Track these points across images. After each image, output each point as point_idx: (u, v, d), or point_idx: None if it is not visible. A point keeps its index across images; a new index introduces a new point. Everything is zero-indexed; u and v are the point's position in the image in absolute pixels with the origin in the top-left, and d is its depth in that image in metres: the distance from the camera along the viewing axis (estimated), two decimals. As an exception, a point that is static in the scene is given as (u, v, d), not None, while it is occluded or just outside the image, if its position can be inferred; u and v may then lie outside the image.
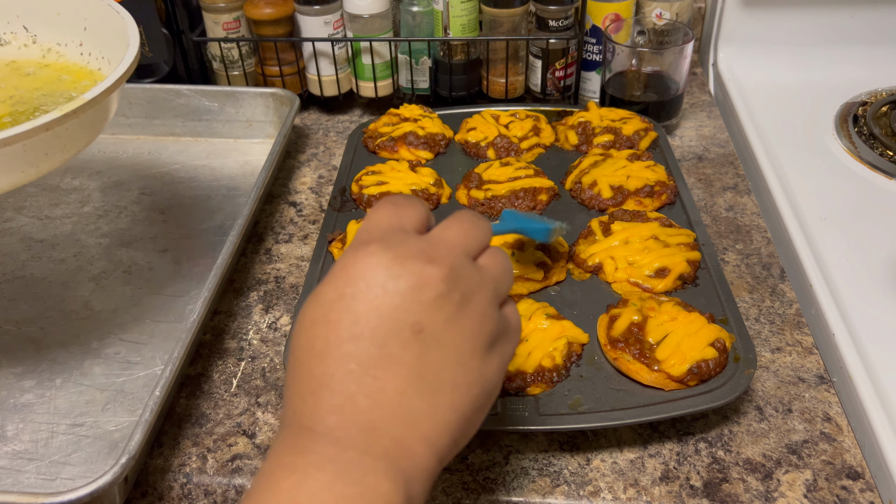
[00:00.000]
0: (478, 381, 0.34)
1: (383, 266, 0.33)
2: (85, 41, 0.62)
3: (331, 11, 0.85)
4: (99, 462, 0.53)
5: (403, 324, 0.32)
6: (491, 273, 0.36)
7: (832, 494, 0.50)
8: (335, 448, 0.31)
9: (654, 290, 0.61)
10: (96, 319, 0.65)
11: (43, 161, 0.50)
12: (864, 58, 0.94)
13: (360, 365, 0.32)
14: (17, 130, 0.45)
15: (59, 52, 0.63)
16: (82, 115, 0.48)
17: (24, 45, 0.64)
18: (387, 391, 0.32)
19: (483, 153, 0.78)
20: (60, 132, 0.48)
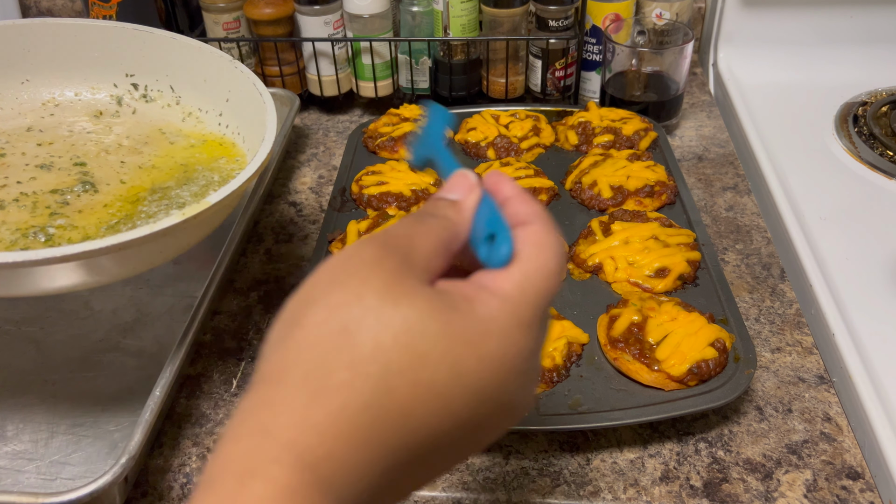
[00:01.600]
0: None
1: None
2: (225, 112, 0.63)
3: (331, 11, 0.85)
4: (99, 462, 0.53)
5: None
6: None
7: (832, 494, 0.50)
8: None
9: (654, 290, 0.61)
10: (96, 319, 0.65)
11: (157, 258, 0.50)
12: (864, 58, 0.94)
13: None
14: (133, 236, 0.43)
15: (199, 117, 0.65)
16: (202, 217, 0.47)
17: (167, 105, 0.66)
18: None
19: (483, 153, 0.78)
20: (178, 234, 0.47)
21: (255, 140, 0.56)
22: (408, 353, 0.25)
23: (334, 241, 0.66)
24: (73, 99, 0.66)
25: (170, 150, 0.62)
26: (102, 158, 0.60)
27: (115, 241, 0.43)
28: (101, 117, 0.64)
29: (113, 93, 0.66)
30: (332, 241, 0.66)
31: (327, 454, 0.24)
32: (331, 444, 0.25)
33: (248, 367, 0.60)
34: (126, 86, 0.66)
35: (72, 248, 0.42)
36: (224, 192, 0.48)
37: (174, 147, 0.62)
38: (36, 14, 1.06)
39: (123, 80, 0.66)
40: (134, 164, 0.60)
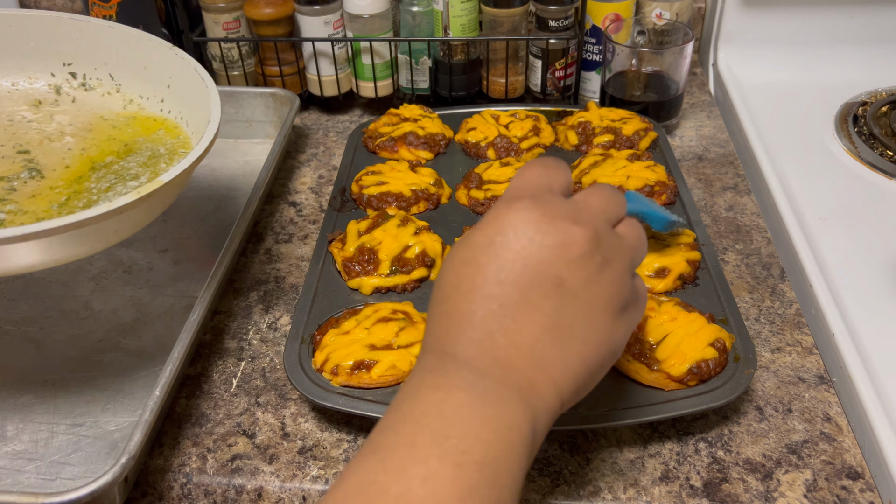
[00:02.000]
0: (606, 341, 0.37)
1: (533, 221, 0.35)
2: (167, 98, 0.64)
3: (331, 11, 0.85)
4: (99, 462, 0.53)
5: (546, 276, 0.35)
6: (629, 242, 0.39)
7: (832, 494, 0.50)
8: (474, 375, 0.34)
9: (653, 290, 0.61)
10: (96, 319, 0.65)
11: (112, 237, 0.51)
12: (864, 58, 0.94)
13: (501, 307, 0.35)
14: (88, 215, 0.45)
15: (140, 104, 0.65)
16: (156, 197, 0.49)
17: (107, 93, 0.66)
18: (523, 334, 0.35)
19: (483, 153, 0.78)
20: (132, 212, 0.49)
21: (200, 123, 0.56)
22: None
23: (334, 241, 0.66)
24: (9, 89, 0.65)
25: (113, 134, 0.62)
26: (46, 146, 0.60)
27: (70, 220, 0.44)
28: (41, 106, 0.64)
29: (51, 82, 0.66)
30: (332, 241, 0.66)
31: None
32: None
33: (248, 366, 0.60)
34: (64, 75, 0.65)
35: (29, 227, 0.43)
36: (177, 170, 0.49)
37: (117, 130, 0.63)
38: (36, 14, 1.06)
39: (61, 69, 0.66)
40: (78, 149, 0.60)
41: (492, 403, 0.33)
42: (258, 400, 0.57)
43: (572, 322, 0.35)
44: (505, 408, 0.33)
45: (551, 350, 0.35)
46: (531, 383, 0.34)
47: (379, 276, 0.62)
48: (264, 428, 0.55)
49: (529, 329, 0.35)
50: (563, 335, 0.35)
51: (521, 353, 0.34)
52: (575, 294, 0.35)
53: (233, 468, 0.53)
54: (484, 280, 0.35)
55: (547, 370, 0.35)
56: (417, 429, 0.32)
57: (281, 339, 0.63)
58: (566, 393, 0.36)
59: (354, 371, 0.53)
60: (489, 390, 0.33)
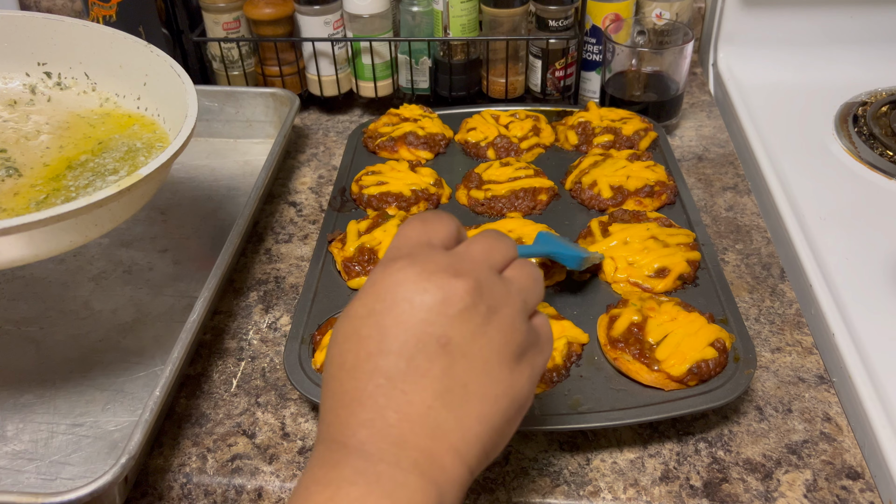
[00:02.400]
0: (507, 393, 0.34)
1: (410, 281, 0.33)
2: (143, 96, 0.64)
3: (331, 11, 0.85)
4: (99, 462, 0.53)
5: (430, 337, 0.32)
6: (518, 285, 0.36)
7: (832, 494, 0.50)
8: (366, 462, 0.31)
9: (653, 290, 0.61)
10: (96, 319, 0.65)
11: (92, 231, 0.52)
12: (864, 58, 0.94)
13: (388, 379, 0.32)
14: (70, 208, 0.46)
15: (117, 102, 0.65)
16: (135, 190, 0.49)
17: (83, 92, 0.66)
18: (415, 404, 0.32)
19: (483, 153, 0.78)
20: (112, 206, 0.50)
21: (177, 119, 0.56)
22: None
23: (334, 241, 0.66)
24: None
25: (89, 132, 0.62)
26: (23, 144, 0.61)
27: (51, 213, 0.45)
28: (17, 106, 0.64)
29: (26, 81, 0.66)
30: (332, 241, 0.66)
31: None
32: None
33: (248, 366, 0.60)
34: (39, 74, 0.66)
35: (11, 221, 0.44)
36: (155, 163, 0.49)
37: (94, 129, 0.63)
38: (36, 14, 1.06)
39: (36, 68, 0.66)
40: (55, 147, 0.60)
41: (386, 492, 0.30)
42: (258, 400, 0.57)
43: (465, 381, 0.33)
44: (402, 493, 0.31)
45: (446, 415, 0.32)
46: (429, 457, 0.32)
47: (379, 276, 0.62)
48: (264, 428, 0.55)
49: (420, 398, 0.32)
50: (457, 397, 0.33)
51: (414, 426, 0.32)
52: (463, 351, 0.33)
53: (233, 468, 0.53)
54: (367, 353, 0.33)
55: (444, 438, 0.32)
56: None
57: (281, 339, 0.63)
58: (471, 458, 0.33)
59: (354, 371, 0.53)
60: (383, 477, 0.31)
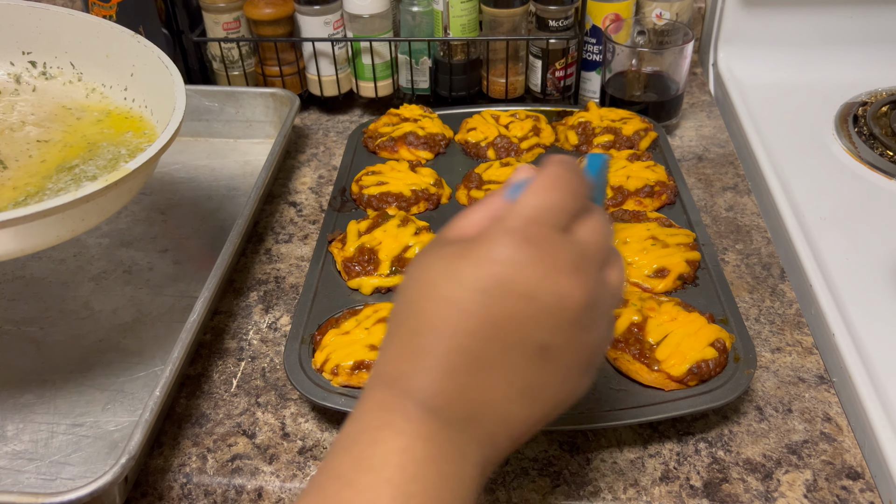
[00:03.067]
0: (573, 397, 0.36)
1: (535, 278, 0.32)
2: (130, 87, 0.63)
3: (331, 11, 0.85)
4: (99, 462, 0.53)
5: (532, 340, 0.33)
6: (616, 289, 0.36)
7: (832, 494, 0.50)
8: (438, 423, 0.32)
9: (653, 290, 0.61)
10: (96, 319, 0.65)
11: (79, 225, 0.51)
12: (864, 58, 0.94)
13: (478, 362, 0.32)
14: (58, 202, 0.46)
15: (103, 93, 0.64)
16: (122, 185, 0.49)
17: (69, 82, 0.65)
18: (496, 391, 0.33)
19: (483, 153, 0.78)
20: (99, 201, 0.49)
21: (165, 112, 0.56)
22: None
23: (334, 241, 0.66)
24: None
25: (77, 126, 0.62)
26: (8, 136, 0.60)
27: (38, 208, 0.45)
28: (1, 95, 0.64)
29: (10, 71, 0.65)
30: (332, 241, 0.66)
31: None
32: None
33: (248, 366, 0.60)
34: (24, 63, 0.65)
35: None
36: (142, 158, 0.49)
37: (81, 122, 0.62)
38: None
39: (20, 57, 0.65)
40: (41, 140, 0.60)
41: (454, 459, 0.32)
42: (258, 400, 0.57)
43: (546, 384, 0.34)
44: (464, 464, 0.32)
45: (519, 410, 0.34)
46: (492, 439, 0.34)
47: (379, 277, 0.62)
48: (264, 428, 0.55)
49: (503, 389, 0.33)
50: (534, 397, 0.34)
51: (489, 410, 0.33)
52: (556, 358, 0.34)
53: (233, 468, 0.53)
54: (467, 333, 0.32)
55: (510, 427, 0.34)
56: (377, 482, 0.30)
57: (281, 339, 0.63)
58: (522, 440, 0.35)
59: (354, 371, 0.53)
60: (451, 443, 0.32)
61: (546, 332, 0.33)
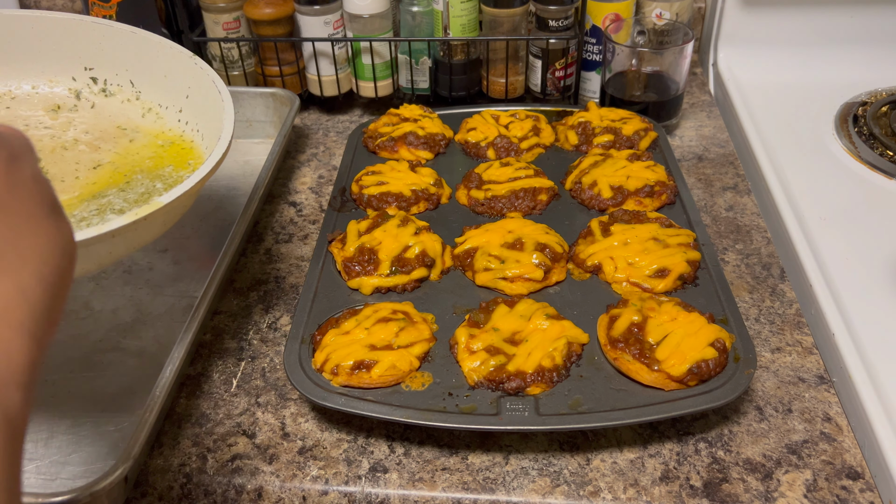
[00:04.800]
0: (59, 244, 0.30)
1: None
2: (185, 108, 0.63)
3: (331, 11, 0.85)
4: (99, 462, 0.53)
5: None
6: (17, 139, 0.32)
7: (832, 494, 0.50)
8: None
9: (654, 290, 0.60)
10: (96, 319, 0.65)
11: (105, 258, 0.50)
12: (864, 58, 0.94)
13: None
14: (82, 237, 0.43)
15: (159, 113, 0.64)
16: (152, 220, 0.48)
17: (127, 100, 0.65)
18: None
19: (483, 153, 0.78)
20: (128, 235, 0.48)
21: (213, 138, 0.55)
22: None
23: (334, 241, 0.66)
24: (29, 92, 0.65)
25: (129, 148, 0.62)
26: (59, 154, 0.60)
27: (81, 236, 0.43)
28: (60, 111, 0.64)
29: (71, 86, 0.65)
30: (332, 241, 0.66)
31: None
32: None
33: (248, 366, 0.60)
34: (85, 79, 0.65)
35: None
36: (175, 193, 0.48)
37: (133, 144, 0.62)
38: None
39: (82, 73, 0.65)
40: (91, 161, 0.60)
41: None
42: (258, 400, 0.57)
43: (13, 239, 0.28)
44: None
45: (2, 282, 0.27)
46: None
47: (379, 276, 0.62)
48: (264, 428, 0.55)
49: None
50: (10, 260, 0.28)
51: None
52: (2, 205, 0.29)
53: (233, 468, 0.53)
54: None
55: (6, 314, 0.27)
56: None
57: (281, 339, 0.63)
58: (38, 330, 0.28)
59: (354, 371, 0.53)
60: None
61: None
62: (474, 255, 0.63)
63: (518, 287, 0.61)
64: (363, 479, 0.52)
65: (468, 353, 0.55)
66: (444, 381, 0.54)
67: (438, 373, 0.55)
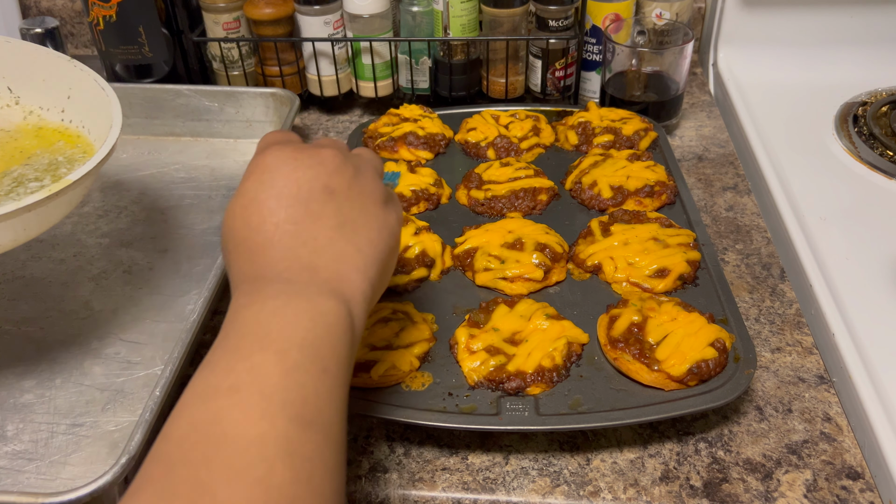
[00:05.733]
0: (385, 225, 0.43)
1: (288, 154, 0.41)
2: (67, 109, 0.65)
3: (331, 11, 0.85)
4: (99, 462, 0.53)
5: (317, 189, 0.41)
6: (366, 156, 0.46)
7: (832, 494, 0.50)
8: (285, 284, 0.38)
9: (654, 290, 0.61)
10: (96, 319, 0.65)
11: (20, 235, 0.52)
12: (864, 58, 0.94)
13: (294, 224, 0.40)
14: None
15: (41, 115, 0.66)
16: (62, 196, 0.50)
17: (6, 105, 0.66)
18: (320, 239, 0.40)
19: (483, 153, 0.78)
20: (40, 211, 0.50)
21: (103, 130, 0.57)
22: None
23: (334, 241, 0.66)
24: None
25: (15, 144, 0.63)
26: None
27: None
28: None
29: None
30: (332, 241, 0.66)
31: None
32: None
33: (248, 367, 0.60)
34: None
35: None
36: (84, 168, 0.51)
37: (17, 141, 0.63)
38: (36, 13, 1.06)
39: None
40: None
41: (305, 297, 0.37)
42: (258, 400, 0.57)
43: (353, 217, 0.41)
44: (318, 299, 0.37)
45: (345, 244, 0.40)
46: (338, 275, 0.39)
47: (379, 276, 0.62)
48: (264, 428, 0.55)
49: (323, 233, 0.40)
50: (350, 229, 0.41)
51: (322, 254, 0.39)
52: (345, 195, 0.41)
53: (233, 468, 0.52)
54: (270, 210, 0.40)
55: (348, 260, 0.40)
56: (239, 338, 0.36)
57: (281, 339, 0.63)
58: (371, 275, 0.41)
59: (354, 371, 0.53)
60: (301, 290, 0.38)
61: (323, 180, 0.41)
62: (474, 255, 0.63)
63: (518, 287, 0.61)
64: (363, 479, 0.52)
65: (468, 353, 0.55)
66: (444, 381, 0.54)
67: (438, 373, 0.55)
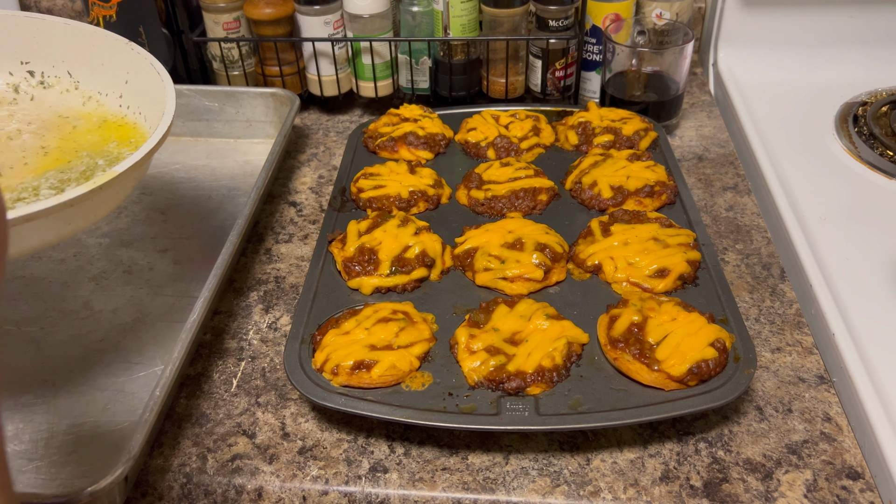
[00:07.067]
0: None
1: None
2: (125, 94, 0.64)
3: (331, 11, 0.85)
4: (99, 462, 0.53)
5: None
6: None
7: (832, 494, 0.50)
8: None
9: (654, 290, 0.60)
10: (96, 319, 0.65)
11: (65, 229, 0.51)
12: (864, 58, 0.94)
13: None
14: (42, 206, 0.46)
15: (100, 101, 0.65)
16: (107, 189, 0.49)
17: (66, 91, 0.65)
18: None
19: (483, 153, 0.78)
20: (85, 204, 0.49)
21: (157, 118, 0.57)
22: None
23: (334, 241, 0.66)
24: None
25: (73, 133, 0.63)
26: (4, 144, 0.61)
27: (23, 212, 0.45)
28: (0, 105, 0.64)
29: (9, 81, 0.65)
30: (332, 241, 0.66)
31: None
32: None
33: (248, 366, 0.60)
34: (22, 73, 0.65)
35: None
36: (132, 160, 0.50)
37: (77, 130, 0.63)
38: (36, 14, 1.06)
39: (19, 67, 0.65)
40: (37, 147, 0.60)
41: None
42: (258, 400, 0.57)
43: None
44: None
45: None
46: None
47: (379, 276, 0.62)
48: (264, 428, 0.55)
49: None
50: None
51: None
52: None
53: (233, 468, 0.53)
54: None
55: None
56: None
57: (281, 339, 0.63)
58: None
59: (354, 371, 0.53)
60: None
61: None
62: (474, 255, 0.63)
63: (518, 287, 0.61)
64: (363, 479, 0.52)
65: (468, 353, 0.55)
66: (444, 381, 0.54)
67: (438, 373, 0.55)
